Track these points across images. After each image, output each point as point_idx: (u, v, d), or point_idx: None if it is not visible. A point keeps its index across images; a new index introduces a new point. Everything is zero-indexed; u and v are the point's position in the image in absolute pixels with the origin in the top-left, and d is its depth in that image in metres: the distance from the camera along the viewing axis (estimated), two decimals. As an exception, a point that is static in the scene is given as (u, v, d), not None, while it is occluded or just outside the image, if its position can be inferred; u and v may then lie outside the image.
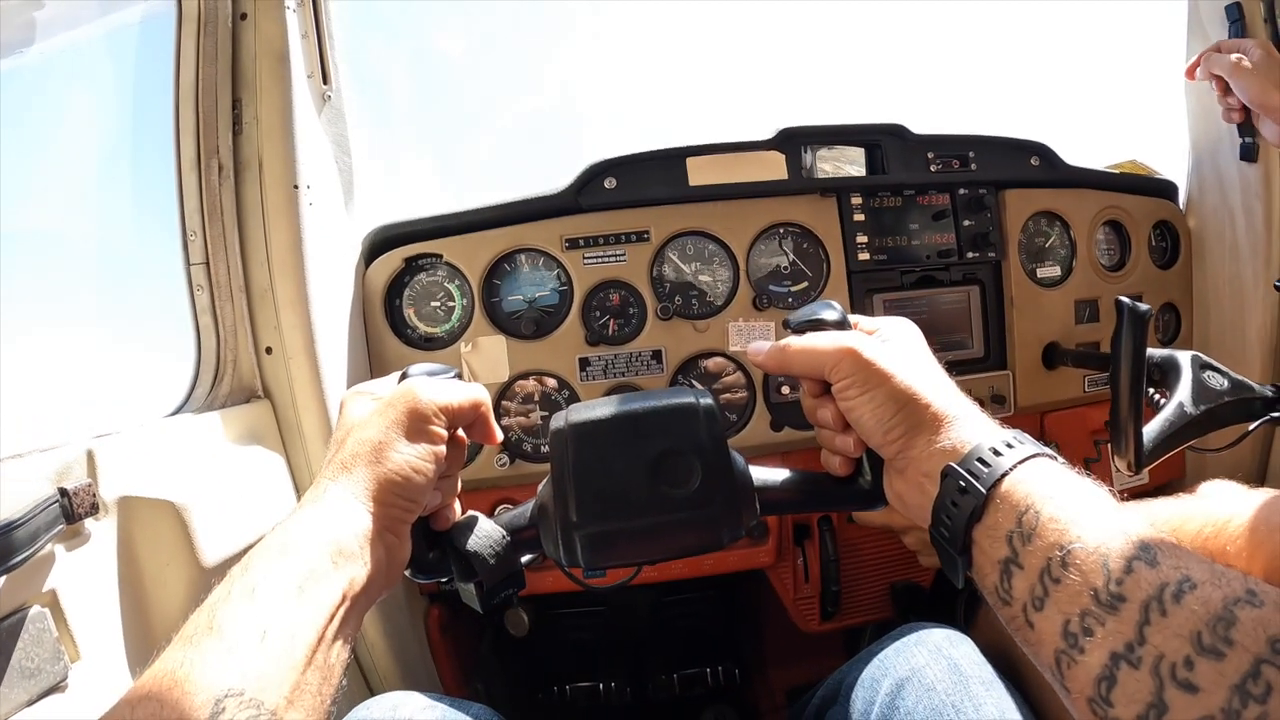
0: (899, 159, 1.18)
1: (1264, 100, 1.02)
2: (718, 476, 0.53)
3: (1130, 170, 1.43)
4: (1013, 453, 0.47)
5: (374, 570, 0.48)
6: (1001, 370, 1.22)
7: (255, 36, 0.97)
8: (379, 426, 0.52)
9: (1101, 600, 0.38)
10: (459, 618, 1.18)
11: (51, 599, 0.64)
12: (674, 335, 1.12)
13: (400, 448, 0.51)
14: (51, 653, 0.62)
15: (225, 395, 0.99)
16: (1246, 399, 0.88)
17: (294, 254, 0.97)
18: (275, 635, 0.41)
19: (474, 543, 0.55)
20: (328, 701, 0.43)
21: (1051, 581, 0.41)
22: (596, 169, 1.10)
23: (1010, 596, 0.43)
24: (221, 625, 0.41)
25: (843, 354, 0.53)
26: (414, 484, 0.51)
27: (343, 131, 1.09)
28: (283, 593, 0.43)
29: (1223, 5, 1.21)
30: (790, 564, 1.17)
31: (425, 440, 0.52)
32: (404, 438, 0.51)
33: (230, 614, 0.41)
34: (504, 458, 1.09)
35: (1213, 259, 1.34)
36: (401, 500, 0.51)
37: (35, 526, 0.60)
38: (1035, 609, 0.41)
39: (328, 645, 0.44)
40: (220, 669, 0.38)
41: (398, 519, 0.51)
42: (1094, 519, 0.41)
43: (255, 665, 0.39)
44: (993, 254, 1.21)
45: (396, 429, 0.52)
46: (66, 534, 0.66)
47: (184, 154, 0.98)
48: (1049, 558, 0.41)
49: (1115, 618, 0.37)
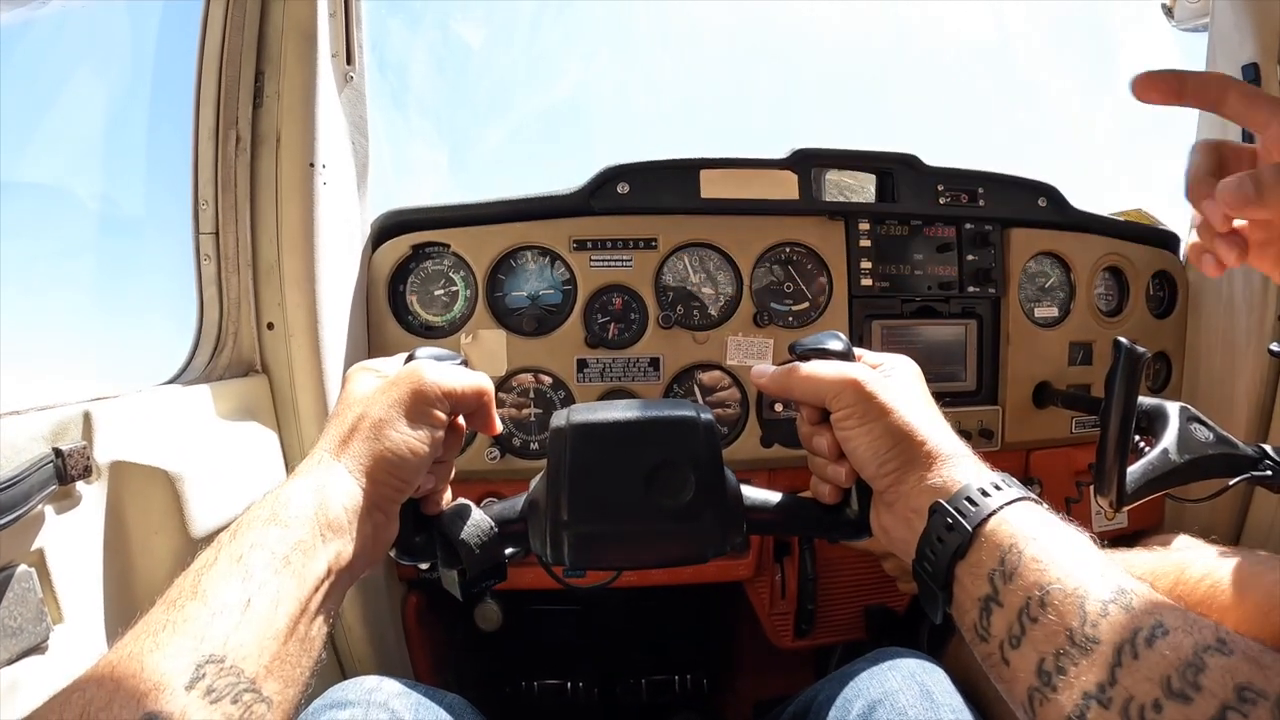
0: (909, 189, 1.19)
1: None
2: (710, 492, 0.54)
3: (1136, 219, 1.45)
4: (1000, 494, 0.48)
5: (360, 546, 0.49)
6: (992, 405, 1.24)
7: (284, 11, 0.97)
8: (381, 404, 0.52)
9: (1076, 641, 0.39)
10: (436, 607, 1.19)
11: (38, 559, 0.64)
12: (673, 344, 1.13)
13: (400, 426, 0.52)
14: (35, 613, 0.62)
15: (224, 367, 0.99)
16: (1229, 455, 0.90)
17: (304, 232, 0.97)
18: (259, 604, 0.41)
19: (463, 531, 0.56)
20: (306, 674, 0.44)
21: (1029, 620, 0.42)
22: (611, 173, 1.11)
23: (989, 633, 0.45)
24: (206, 591, 0.41)
25: (845, 384, 0.54)
26: (409, 464, 0.52)
27: (362, 114, 1.09)
28: (269, 562, 0.43)
29: (1240, 65, 1.23)
30: (769, 579, 1.18)
31: (425, 422, 0.53)
32: (404, 417, 0.52)
33: (215, 580, 0.42)
34: (494, 451, 1.10)
35: (1208, 313, 1.36)
36: (395, 479, 0.51)
37: (28, 485, 0.60)
38: (1012, 646, 0.43)
39: (310, 618, 0.44)
40: (202, 635, 0.39)
41: (389, 497, 0.52)
42: (1074, 562, 0.43)
43: (237, 633, 0.40)
44: (993, 290, 1.23)
45: (398, 408, 0.52)
46: (58, 495, 0.66)
47: (203, 123, 0.98)
48: (1028, 597, 0.42)
49: (1089, 658, 0.39)
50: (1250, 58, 1.22)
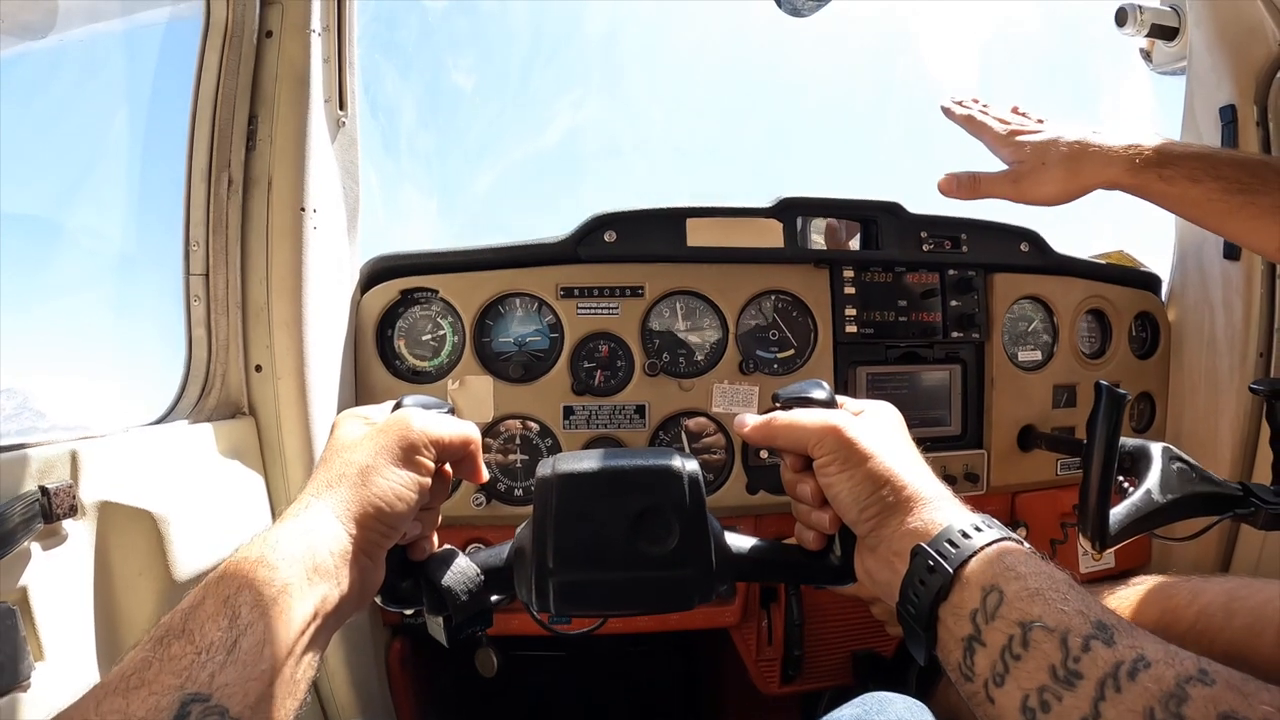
0: (893, 236, 1.21)
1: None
2: (694, 539, 0.55)
3: (1117, 261, 1.47)
4: (981, 536, 0.49)
5: (348, 591, 0.49)
6: (977, 449, 1.24)
7: (279, 55, 0.99)
8: (369, 450, 0.53)
9: (1059, 676, 0.40)
10: (420, 653, 1.18)
11: (22, 597, 0.64)
12: (659, 391, 1.14)
13: (386, 473, 0.52)
14: (17, 651, 0.62)
15: (211, 409, 0.99)
16: (1213, 494, 0.91)
17: (293, 275, 0.98)
18: (245, 645, 0.41)
19: (449, 577, 0.56)
20: (290, 716, 0.44)
21: (1012, 658, 0.42)
22: (598, 221, 1.13)
23: (973, 673, 0.45)
24: (192, 630, 0.41)
25: (827, 431, 0.55)
26: (396, 510, 0.52)
27: (353, 159, 1.11)
28: (256, 604, 0.43)
29: (1217, 106, 1.26)
30: (755, 625, 1.18)
31: (412, 469, 0.53)
32: (391, 464, 0.53)
33: (202, 620, 0.42)
34: (480, 497, 1.10)
35: (1190, 352, 1.38)
36: (381, 525, 0.52)
37: (14, 523, 0.61)
38: (996, 685, 0.43)
39: (296, 660, 0.44)
40: (187, 673, 0.39)
41: (375, 543, 0.52)
42: (1055, 600, 0.43)
43: (223, 673, 0.40)
44: (976, 335, 1.24)
45: (385, 455, 0.53)
46: (44, 533, 0.66)
47: (196, 164, 0.99)
48: (1010, 635, 0.43)
49: (1072, 693, 0.39)
50: (1227, 100, 1.25)
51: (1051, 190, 0.87)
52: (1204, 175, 0.80)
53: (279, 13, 0.99)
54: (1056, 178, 0.85)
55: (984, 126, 0.92)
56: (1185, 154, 0.82)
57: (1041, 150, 0.86)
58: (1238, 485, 0.92)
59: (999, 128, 0.91)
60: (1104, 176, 0.84)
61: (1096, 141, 0.85)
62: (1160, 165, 0.81)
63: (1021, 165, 0.88)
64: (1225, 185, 0.79)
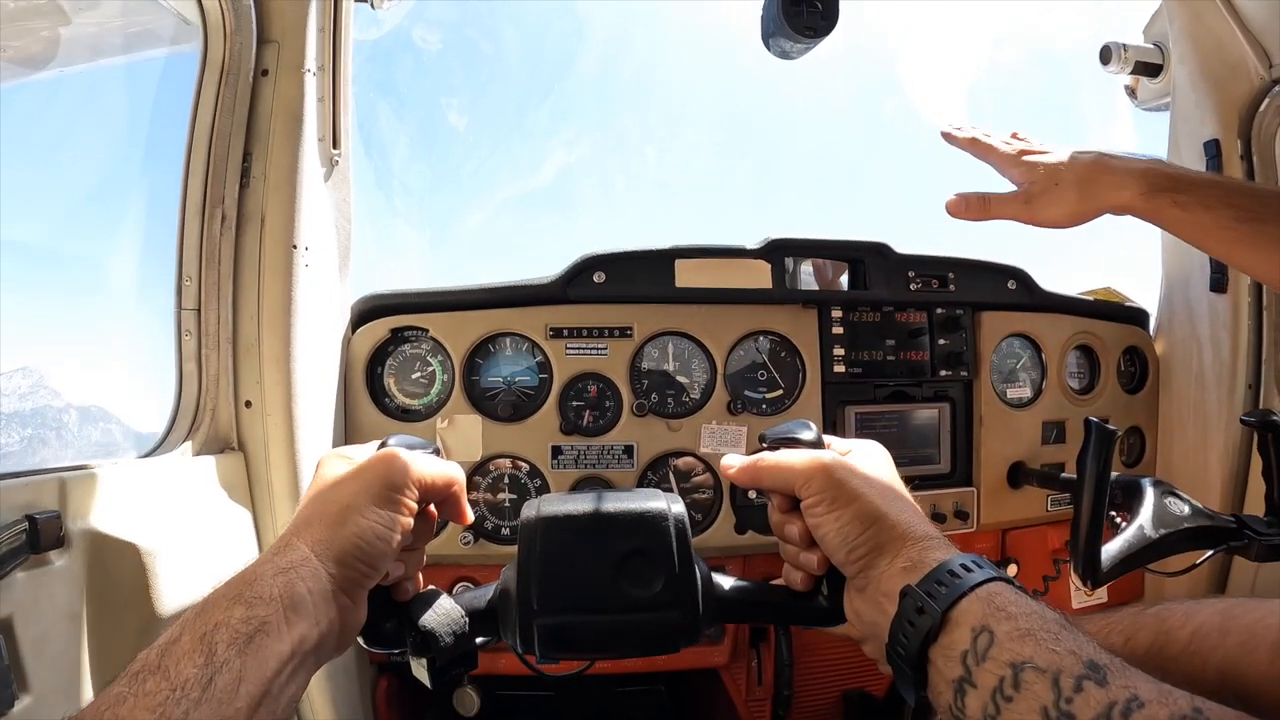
0: (881, 275, 1.22)
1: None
2: (680, 581, 0.55)
3: (1104, 297, 1.48)
4: (970, 576, 0.48)
5: (326, 630, 0.49)
6: (967, 487, 1.25)
7: (274, 94, 1.00)
8: (350, 490, 0.53)
9: (1051, 718, 0.39)
10: (407, 691, 1.17)
11: (7, 625, 0.63)
12: (647, 431, 1.14)
13: (367, 513, 0.52)
14: (1, 679, 0.62)
15: (200, 443, 0.99)
16: (1206, 527, 0.91)
17: (284, 312, 0.98)
18: (220, 683, 0.41)
19: (432, 619, 0.56)
20: None
21: (1004, 700, 0.42)
22: (587, 263, 1.13)
23: (964, 715, 0.44)
24: (168, 667, 0.41)
25: (814, 471, 0.55)
26: (376, 550, 0.52)
27: (346, 197, 1.11)
28: (233, 641, 0.43)
29: (1201, 141, 1.28)
30: (744, 665, 1.17)
31: (393, 509, 0.53)
32: (372, 504, 0.53)
33: (178, 656, 0.42)
34: (468, 536, 1.09)
35: (1179, 386, 1.38)
36: (361, 564, 0.51)
37: (0, 552, 0.61)
38: None
39: (273, 699, 0.44)
40: (161, 710, 0.39)
41: (355, 582, 0.52)
42: (1047, 640, 0.43)
43: (197, 710, 0.39)
44: (965, 373, 1.25)
45: (366, 494, 0.53)
46: (30, 563, 0.66)
47: (190, 199, 1.00)
48: (1001, 676, 0.42)
49: None
50: (1211, 134, 1.27)
51: (1064, 211, 0.85)
52: (1217, 202, 0.78)
53: (275, 52, 1.00)
54: (1069, 199, 0.84)
55: (990, 148, 0.90)
56: (1200, 180, 0.81)
57: (1054, 171, 0.84)
58: (1231, 518, 0.91)
59: (1006, 148, 0.89)
60: (1117, 200, 0.83)
61: (1111, 164, 0.83)
62: (1175, 191, 0.80)
63: (1033, 186, 0.85)
64: (1237, 213, 0.78)
